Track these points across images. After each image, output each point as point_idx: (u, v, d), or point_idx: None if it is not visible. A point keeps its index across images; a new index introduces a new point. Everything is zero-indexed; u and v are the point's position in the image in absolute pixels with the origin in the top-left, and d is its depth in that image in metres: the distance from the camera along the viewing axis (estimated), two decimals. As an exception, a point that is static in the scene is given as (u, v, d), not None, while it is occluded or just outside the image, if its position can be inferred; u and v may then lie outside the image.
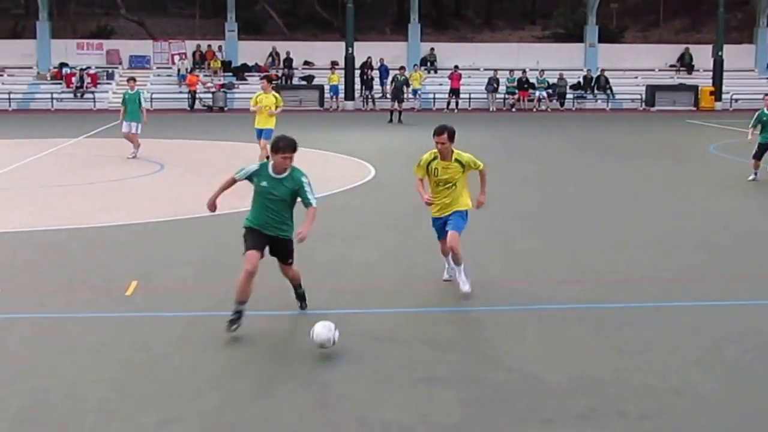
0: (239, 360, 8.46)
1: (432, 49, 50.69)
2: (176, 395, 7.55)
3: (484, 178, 10.90)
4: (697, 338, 9.17)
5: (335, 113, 43.75)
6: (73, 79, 46.78)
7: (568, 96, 47.68)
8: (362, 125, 36.15)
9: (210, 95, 45.99)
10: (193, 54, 49.74)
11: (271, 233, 9.29)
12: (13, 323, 9.59)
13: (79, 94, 46.51)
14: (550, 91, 47.08)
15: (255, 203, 9.38)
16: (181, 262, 12.37)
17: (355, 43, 46.37)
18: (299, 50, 50.29)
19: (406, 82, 41.41)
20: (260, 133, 20.95)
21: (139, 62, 49.74)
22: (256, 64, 49.67)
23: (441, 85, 47.71)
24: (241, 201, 11.42)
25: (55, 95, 45.87)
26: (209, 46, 50.04)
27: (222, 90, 46.52)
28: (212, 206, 9.69)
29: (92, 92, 46.26)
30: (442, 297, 10.68)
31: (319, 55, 49.74)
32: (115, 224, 15.04)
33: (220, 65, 49.19)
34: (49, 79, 47.91)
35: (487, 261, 12.35)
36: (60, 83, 47.40)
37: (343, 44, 46.67)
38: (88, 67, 47.87)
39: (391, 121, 37.60)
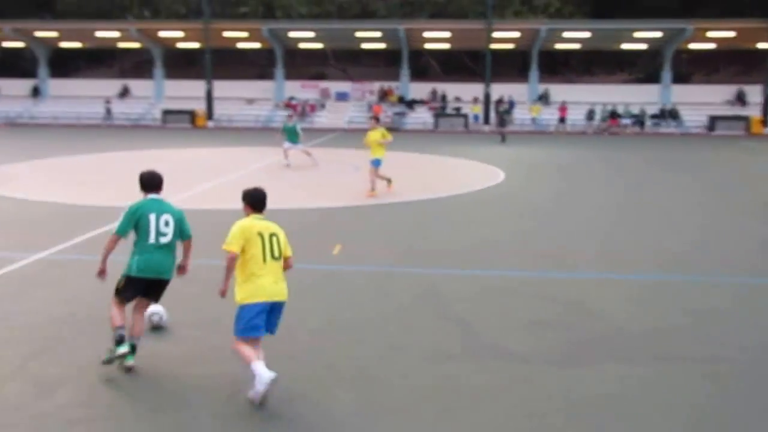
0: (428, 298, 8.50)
1: (546, 88, 49.67)
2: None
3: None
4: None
5: (476, 134, 43.33)
6: (298, 108, 48.00)
7: (647, 123, 45.70)
8: (495, 143, 35.55)
9: (389, 119, 46.44)
10: (378, 91, 50.16)
11: None
12: (307, 273, 9.80)
13: (301, 118, 47.74)
14: (633, 119, 45.33)
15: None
16: (373, 231, 12.49)
17: (492, 84, 45.85)
18: (452, 89, 50.10)
19: (507, 111, 40.23)
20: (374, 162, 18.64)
21: (341, 97, 50.50)
22: (421, 98, 49.79)
23: (552, 114, 46.74)
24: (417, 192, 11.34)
25: (284, 119, 47.18)
26: (389, 85, 50.36)
27: (397, 115, 46.83)
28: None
29: (311, 116, 47.32)
30: (556, 264, 10.44)
31: (465, 92, 49.45)
32: (321, 207, 15.25)
33: (396, 99, 49.46)
34: (282, 107, 49.36)
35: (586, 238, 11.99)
36: (288, 110, 48.74)
37: (482, 85, 46.21)
38: (308, 100, 49.01)
39: (503, 141, 36.16)
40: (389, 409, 5.77)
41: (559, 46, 50.11)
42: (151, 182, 6.68)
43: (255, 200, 6.14)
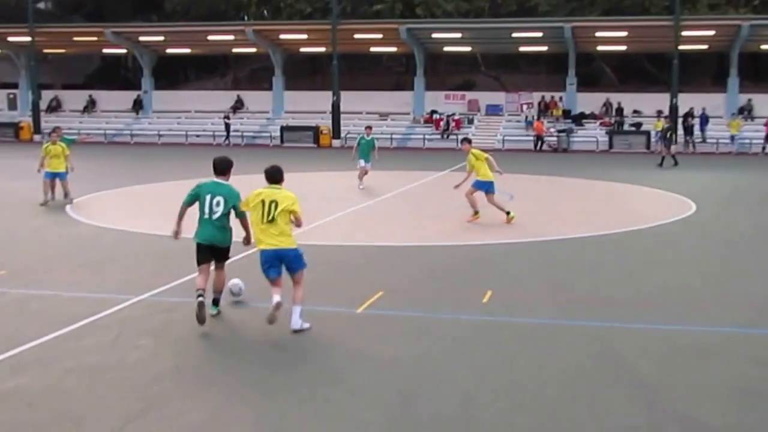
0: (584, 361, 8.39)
1: (749, 99, 47.62)
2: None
3: None
4: None
5: (659, 155, 42.15)
6: (441, 123, 48.57)
7: None
8: (683, 167, 34.48)
9: (555, 138, 46.05)
10: (539, 103, 49.94)
11: None
12: (393, 318, 10.08)
13: (445, 135, 48.19)
14: None
15: None
16: (530, 274, 12.44)
17: (679, 94, 44.49)
18: (629, 100, 49.13)
19: (672, 128, 38.21)
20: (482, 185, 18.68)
21: (493, 110, 50.70)
22: (592, 112, 49.09)
23: (757, 131, 44.70)
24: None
25: (426, 136, 47.92)
26: (552, 97, 50.04)
27: (561, 133, 46.41)
28: None
29: (455, 134, 47.69)
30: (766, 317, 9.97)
31: (646, 105, 48.31)
32: (468, 244, 15.45)
33: (561, 113, 49.07)
34: (422, 122, 50.13)
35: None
36: (430, 126, 49.40)
37: (667, 95, 44.92)
38: (453, 114, 49.53)
39: (660, 165, 34.35)
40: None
41: (765, 47, 48.06)
42: (218, 167, 10.16)
43: (267, 175, 9.60)
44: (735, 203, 22.12)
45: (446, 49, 53.32)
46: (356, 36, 49.38)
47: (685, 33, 44.60)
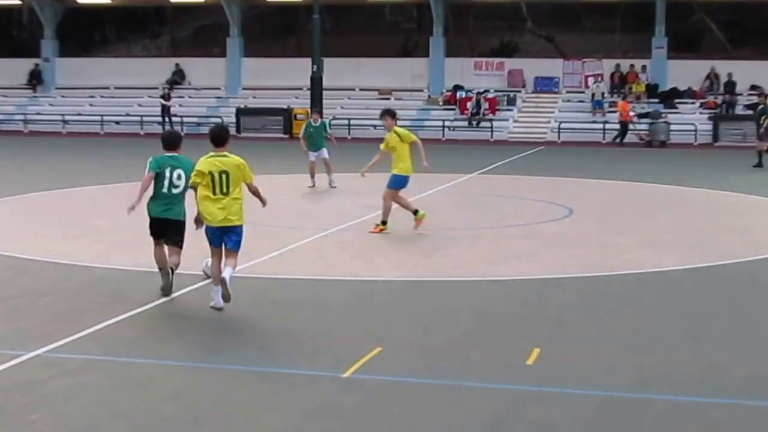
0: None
1: None
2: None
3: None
4: None
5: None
6: (469, 105, 48.60)
7: None
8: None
9: (646, 127, 45.90)
10: (611, 75, 49.97)
11: None
12: (396, 387, 9.93)
13: (474, 122, 48.24)
14: None
15: None
16: (593, 327, 12.32)
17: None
18: (745, 72, 48.96)
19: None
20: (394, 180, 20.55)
21: (545, 85, 50.81)
22: (689, 88, 49.03)
23: None
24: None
25: (447, 123, 47.94)
26: (631, 66, 50.06)
27: (644, 118, 46.38)
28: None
29: (489, 120, 47.74)
30: None
31: (768, 78, 48.20)
32: (503, 279, 15.35)
33: (643, 89, 49.05)
34: (441, 104, 50.19)
35: None
36: (453, 109, 49.45)
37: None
38: (486, 91, 49.57)
39: (758, 164, 34.42)
40: None
41: None
42: (168, 141, 13.95)
43: (212, 137, 13.21)
44: None
45: (477, -4, 53.76)
46: (347, -22, 49.81)
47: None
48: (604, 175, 31.65)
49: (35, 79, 55.49)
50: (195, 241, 13.74)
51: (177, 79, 54.35)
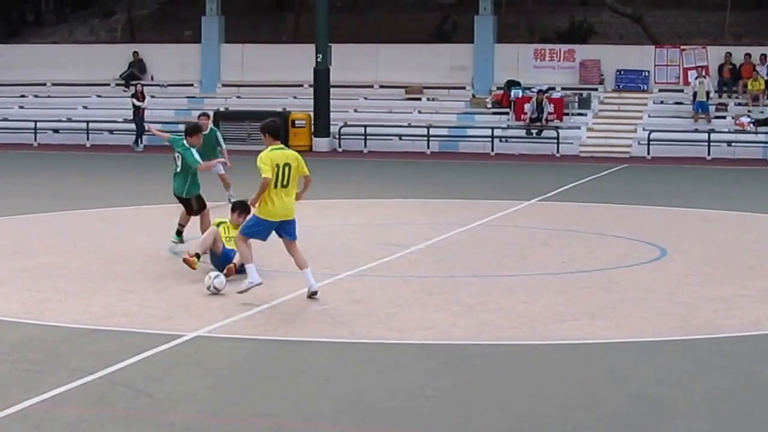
0: None
1: None
2: None
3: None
4: None
5: None
6: (527, 107, 48.49)
7: None
8: None
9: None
10: (719, 68, 49.80)
11: None
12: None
13: (534, 131, 48.13)
14: None
15: None
16: (704, 416, 12.25)
17: None
18: None
19: None
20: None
21: (630, 81, 50.67)
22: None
23: None
24: None
25: (497, 131, 47.83)
26: (747, 56, 49.92)
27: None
28: None
29: (555, 128, 47.59)
30: None
31: None
32: (592, 341, 15.35)
33: (762, 87, 48.83)
34: (489, 106, 50.09)
35: None
36: (506, 112, 49.35)
37: None
38: (551, 89, 49.49)
39: None
40: None
41: None
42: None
43: (274, 131, 17.13)
44: None
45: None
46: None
47: None
48: (710, 203, 31.48)
49: (-53, 73, 55.65)
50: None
51: (135, 72, 54.25)
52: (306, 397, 12.34)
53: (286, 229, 17.14)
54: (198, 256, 19.79)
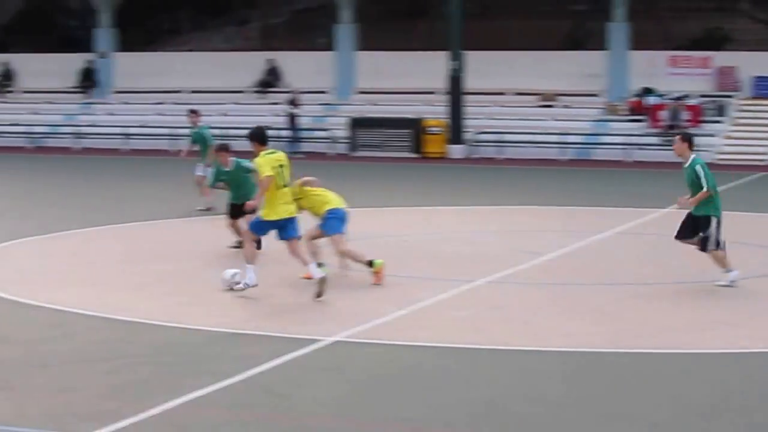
0: None
1: None
2: None
3: None
4: None
5: None
6: (662, 114, 48.10)
7: None
8: None
9: None
10: None
11: None
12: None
13: (669, 137, 47.67)
14: None
15: None
16: None
17: None
18: None
19: None
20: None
21: (766, 88, 49.99)
22: None
23: None
24: None
25: (633, 139, 47.47)
26: None
27: None
28: None
29: (693, 130, 47.10)
30: None
31: None
32: (737, 351, 15.18)
33: None
34: (625, 113, 49.72)
35: None
36: (641, 120, 48.94)
37: None
38: (686, 96, 49.03)
39: None
40: None
41: None
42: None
43: (260, 136, 18.67)
44: None
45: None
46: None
47: None
48: None
49: (88, 80, 56.00)
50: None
51: (270, 79, 54.61)
52: (444, 403, 12.39)
53: (291, 227, 18.21)
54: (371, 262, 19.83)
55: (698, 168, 19.40)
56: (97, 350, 14.80)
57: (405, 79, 51.76)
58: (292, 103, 49.67)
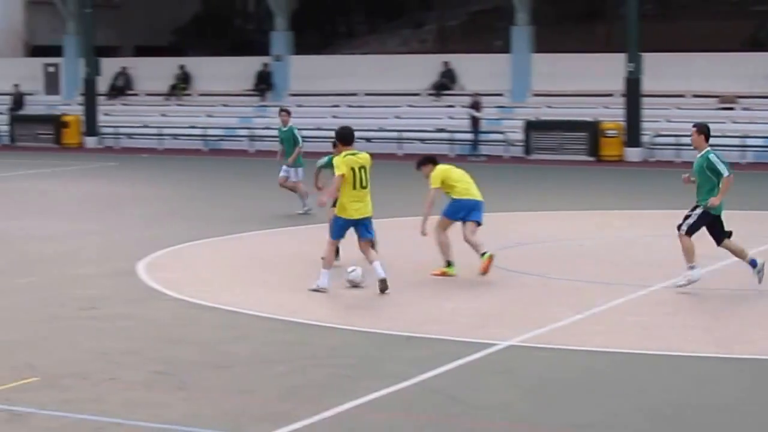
0: None
1: None
2: None
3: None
4: None
5: None
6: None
7: None
8: None
9: None
10: None
11: None
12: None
13: None
14: None
15: None
16: None
17: None
18: None
19: None
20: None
21: None
22: None
23: None
24: None
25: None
26: None
27: None
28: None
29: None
30: None
31: None
32: None
33: None
34: None
35: None
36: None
37: None
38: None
39: None
40: None
41: None
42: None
43: (345, 136, 19.23)
44: None
45: None
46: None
47: None
48: None
49: (263, 83, 56.46)
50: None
51: (446, 82, 54.60)
52: (621, 409, 12.31)
53: (365, 226, 18.88)
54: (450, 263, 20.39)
55: (712, 157, 19.19)
56: (274, 352, 15.06)
57: (581, 81, 51.42)
58: (474, 106, 49.54)
